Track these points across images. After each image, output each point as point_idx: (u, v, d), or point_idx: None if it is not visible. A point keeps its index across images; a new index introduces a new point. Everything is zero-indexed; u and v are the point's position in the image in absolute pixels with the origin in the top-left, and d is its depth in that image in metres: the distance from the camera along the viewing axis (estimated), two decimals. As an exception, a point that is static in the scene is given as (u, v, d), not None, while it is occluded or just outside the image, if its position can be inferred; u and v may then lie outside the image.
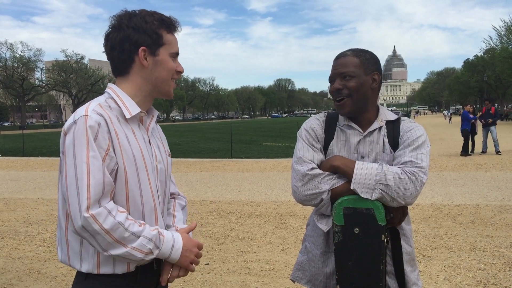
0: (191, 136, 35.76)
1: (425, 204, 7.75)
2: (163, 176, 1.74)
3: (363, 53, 1.92)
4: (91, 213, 1.44)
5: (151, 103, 1.75)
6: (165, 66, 1.68)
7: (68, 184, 1.48)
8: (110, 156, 1.52)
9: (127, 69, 1.66)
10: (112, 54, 1.65)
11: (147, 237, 1.53)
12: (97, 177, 1.47)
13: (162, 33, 1.66)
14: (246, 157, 17.34)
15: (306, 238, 2.09)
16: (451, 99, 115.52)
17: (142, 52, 1.62)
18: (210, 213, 7.46)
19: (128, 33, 1.61)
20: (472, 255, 4.98)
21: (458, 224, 6.35)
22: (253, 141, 26.45)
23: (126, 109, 1.62)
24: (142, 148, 1.63)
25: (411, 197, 1.75)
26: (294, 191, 1.88)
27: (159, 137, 1.84)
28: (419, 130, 1.89)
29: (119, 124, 1.59)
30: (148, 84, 1.68)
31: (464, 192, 8.70)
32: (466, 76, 75.81)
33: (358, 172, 1.76)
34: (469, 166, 12.55)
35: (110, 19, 1.67)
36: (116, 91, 1.65)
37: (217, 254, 5.26)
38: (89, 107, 1.55)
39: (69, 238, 1.59)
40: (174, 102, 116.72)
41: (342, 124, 1.96)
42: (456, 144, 20.44)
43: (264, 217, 7.11)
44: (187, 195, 9.24)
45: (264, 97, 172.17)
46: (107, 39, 1.65)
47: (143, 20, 1.63)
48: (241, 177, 11.80)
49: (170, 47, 1.69)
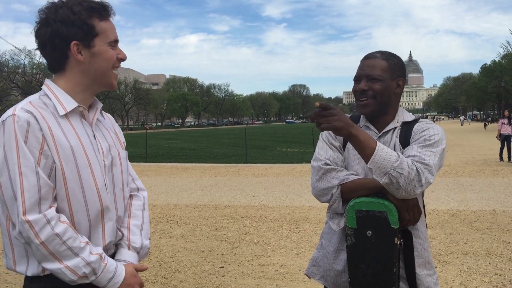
0: (205, 141, 35.92)
1: (441, 209, 7.69)
2: (114, 170, 1.65)
3: (392, 57, 1.93)
4: (27, 219, 1.37)
5: (93, 96, 1.65)
6: (104, 56, 1.56)
7: (4, 188, 1.41)
8: (46, 154, 1.44)
9: (62, 66, 1.56)
10: (44, 52, 1.54)
11: (85, 260, 1.44)
12: (31, 179, 1.39)
13: (93, 22, 1.54)
14: (261, 162, 17.37)
15: (322, 235, 2.11)
16: (468, 105, 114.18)
17: (75, 46, 1.51)
18: (225, 218, 7.50)
19: (56, 28, 1.49)
20: (488, 261, 4.94)
21: (474, 229, 6.29)
22: (267, 147, 26.47)
23: (61, 105, 1.53)
24: (85, 144, 1.54)
25: (414, 193, 1.71)
26: (312, 186, 1.93)
27: (111, 129, 1.75)
28: (433, 129, 1.85)
29: (55, 121, 1.49)
30: (86, 78, 1.58)
31: (481, 198, 8.61)
32: (484, 81, 74.82)
33: (379, 152, 1.68)
34: (486, 172, 12.41)
35: (37, 13, 1.54)
36: (50, 87, 1.56)
37: (231, 257, 5.29)
38: (18, 106, 1.47)
39: (13, 241, 1.50)
40: (189, 108, 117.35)
41: (361, 125, 1.99)
42: (473, 150, 20.23)
43: (278, 221, 7.13)
44: (202, 199, 9.31)
45: (279, 103, 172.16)
46: (36, 36, 1.54)
47: (70, 11, 1.50)
48: (256, 182, 11.83)
49: (106, 36, 1.57)
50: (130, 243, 1.69)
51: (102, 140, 1.64)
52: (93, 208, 1.53)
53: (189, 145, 30.78)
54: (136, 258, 1.69)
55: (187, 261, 5.17)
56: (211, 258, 5.27)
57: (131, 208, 1.77)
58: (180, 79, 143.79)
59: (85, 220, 1.52)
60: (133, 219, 1.75)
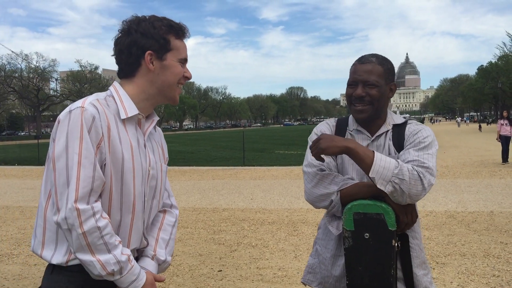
0: (203, 144, 35.91)
1: (439, 211, 7.70)
2: (154, 182, 1.71)
3: (385, 62, 1.93)
4: (77, 207, 1.43)
5: (152, 108, 1.74)
6: (172, 70, 1.67)
7: (57, 173, 1.47)
8: (101, 151, 1.51)
9: (133, 72, 1.66)
10: (120, 58, 1.66)
11: (116, 258, 1.49)
12: (88, 169, 1.46)
13: (170, 38, 1.66)
14: (259, 165, 17.38)
15: (317, 241, 2.11)
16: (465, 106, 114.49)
17: (149, 56, 1.63)
18: (223, 221, 7.49)
19: (136, 38, 1.62)
20: (486, 262, 4.95)
21: (472, 231, 6.30)
22: (265, 149, 26.49)
23: (124, 109, 1.61)
24: (134, 150, 1.61)
25: (419, 196, 1.73)
26: (306, 192, 1.92)
27: (159, 143, 1.82)
28: (425, 131, 1.89)
29: (114, 122, 1.58)
30: (153, 87, 1.67)
31: (478, 199, 8.63)
32: (480, 83, 75.03)
33: (378, 162, 1.72)
34: (483, 173, 12.44)
35: (121, 24, 1.68)
36: (118, 90, 1.65)
37: (230, 261, 5.29)
38: (86, 100, 1.56)
39: (47, 225, 1.57)
40: (186, 111, 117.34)
41: (351, 129, 1.99)
42: (470, 151, 20.28)
43: (276, 224, 7.13)
44: (200, 203, 9.30)
45: (276, 105, 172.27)
46: (116, 43, 1.67)
47: (152, 25, 1.64)
48: (254, 184, 11.83)
49: (178, 53, 1.68)
50: (156, 254, 1.75)
51: (151, 151, 1.71)
52: (126, 212, 1.60)
53: (187, 148, 30.77)
54: (157, 269, 1.75)
55: (185, 265, 5.17)
56: (209, 262, 5.27)
57: (163, 221, 1.84)
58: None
59: (116, 220, 1.59)
60: (162, 232, 1.81)
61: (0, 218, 8.26)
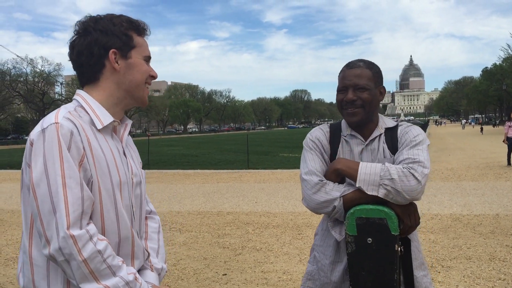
0: (207, 147, 35.93)
1: (444, 214, 7.68)
2: (138, 190, 1.61)
3: (374, 66, 1.97)
4: (71, 233, 1.29)
5: (123, 112, 1.62)
6: (139, 68, 1.56)
7: (40, 201, 1.32)
8: (84, 167, 1.38)
9: (97, 75, 1.53)
10: (79, 61, 1.51)
11: (124, 280, 1.38)
12: (75, 190, 1.33)
13: (132, 34, 1.55)
14: (263, 168, 17.37)
15: (314, 247, 2.11)
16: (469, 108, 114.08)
17: (113, 54, 1.50)
18: (227, 224, 7.50)
19: (96, 37, 1.49)
20: (492, 265, 4.92)
21: (477, 234, 6.27)
22: (269, 152, 26.48)
23: (98, 119, 1.48)
24: (117, 160, 1.50)
25: (417, 191, 1.74)
26: (306, 199, 1.91)
27: (133, 147, 1.72)
28: (415, 130, 1.95)
29: (93, 134, 1.45)
30: (120, 89, 1.55)
31: (484, 202, 8.60)
32: (485, 85, 74.77)
33: (363, 170, 1.79)
34: (489, 176, 12.38)
35: (74, 26, 1.54)
36: (86, 99, 1.52)
37: (234, 264, 5.29)
38: (58, 114, 1.41)
39: (34, 259, 1.41)
40: (191, 114, 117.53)
41: (345, 134, 2.00)
42: (475, 154, 20.20)
43: (281, 227, 7.12)
44: (204, 206, 9.31)
45: (280, 108, 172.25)
46: (72, 46, 1.52)
47: (111, 22, 1.53)
48: (258, 188, 11.83)
49: (142, 50, 1.58)
50: (152, 265, 1.67)
51: (129, 155, 1.61)
52: (123, 230, 1.48)
53: (191, 151, 30.80)
54: (158, 280, 1.67)
55: (190, 269, 5.17)
56: (214, 266, 5.27)
57: (147, 230, 1.74)
58: (182, 86, 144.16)
59: (114, 239, 1.46)
60: (150, 242, 1.73)
61: (6, 222, 8.29)
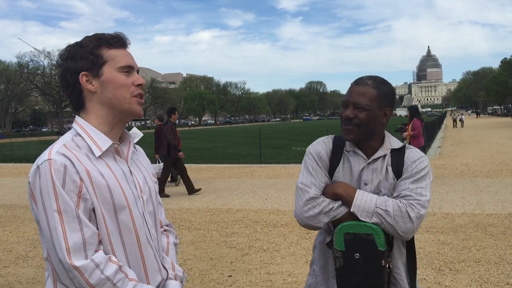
0: (221, 140, 36.02)
1: (456, 213, 7.57)
2: (150, 207, 1.62)
3: (383, 86, 1.90)
4: (74, 265, 1.34)
5: (122, 128, 1.60)
6: (115, 83, 1.51)
7: (45, 237, 1.39)
8: (84, 198, 1.40)
9: (81, 101, 1.54)
10: (65, 93, 1.56)
11: None
12: (72, 223, 1.36)
13: (101, 51, 1.51)
14: (275, 162, 17.35)
15: (314, 261, 2.11)
16: (488, 100, 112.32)
17: (83, 77, 1.50)
18: (236, 222, 7.50)
19: (66, 65, 1.51)
20: (500, 269, 4.84)
21: (488, 235, 6.18)
22: (282, 146, 26.44)
23: (96, 146, 1.49)
24: (122, 183, 1.50)
25: (408, 232, 1.79)
26: (298, 216, 1.94)
27: (143, 160, 1.71)
28: (423, 162, 1.90)
29: (90, 162, 1.45)
30: (104, 109, 1.53)
31: (497, 200, 8.46)
32: (504, 76, 73.52)
33: (359, 196, 1.82)
34: (504, 172, 12.18)
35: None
36: (82, 125, 1.53)
37: (240, 265, 5.30)
38: (52, 149, 1.44)
39: None
40: (206, 106, 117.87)
41: (348, 149, 1.96)
42: (491, 148, 19.89)
43: (289, 226, 7.10)
44: (214, 203, 9.33)
45: (296, 100, 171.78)
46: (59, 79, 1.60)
47: (79, 46, 1.52)
48: (269, 184, 11.81)
49: (115, 62, 1.52)
50: (176, 273, 1.68)
51: (138, 173, 1.60)
52: (132, 252, 1.50)
53: (205, 145, 30.91)
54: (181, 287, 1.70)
55: (195, 269, 5.19)
56: (219, 266, 5.28)
57: (169, 246, 1.76)
58: (197, 78, 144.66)
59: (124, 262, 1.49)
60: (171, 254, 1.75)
61: (18, 218, 8.42)
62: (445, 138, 29.81)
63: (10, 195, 11.36)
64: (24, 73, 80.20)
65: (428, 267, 4.99)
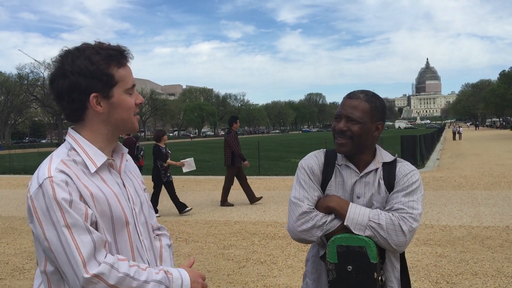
0: (220, 152, 35.93)
1: (453, 225, 7.57)
2: (142, 218, 1.64)
3: (375, 100, 1.93)
4: (93, 274, 1.35)
5: (116, 142, 1.61)
6: (123, 106, 1.53)
7: (56, 253, 1.38)
8: (88, 212, 1.42)
9: (81, 117, 1.52)
10: (61, 104, 1.50)
11: (156, 281, 1.46)
12: (82, 236, 1.37)
13: (112, 71, 1.49)
14: (274, 174, 17.36)
15: (306, 274, 2.12)
16: (487, 112, 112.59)
17: (94, 99, 1.47)
18: (234, 234, 7.49)
19: (74, 80, 1.44)
20: (498, 282, 4.84)
21: (486, 247, 6.17)
22: (281, 158, 26.44)
23: (91, 161, 1.49)
24: (119, 197, 1.52)
25: (401, 242, 1.80)
26: (291, 230, 1.93)
27: (131, 170, 1.70)
28: (415, 175, 1.93)
29: (88, 178, 1.46)
30: (107, 127, 1.54)
31: (495, 213, 8.46)
32: (502, 88, 73.76)
33: (352, 210, 1.84)
34: (502, 184, 12.19)
35: (52, 62, 1.51)
36: (77, 140, 1.52)
37: (237, 278, 5.28)
38: (51, 166, 1.43)
39: None
40: (205, 118, 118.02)
41: (340, 163, 1.98)
42: (490, 160, 19.91)
43: (287, 238, 7.08)
44: (212, 215, 9.32)
45: (295, 112, 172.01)
46: (52, 87, 1.50)
47: (89, 61, 1.46)
48: (267, 195, 11.81)
49: (124, 83, 1.52)
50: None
51: (129, 185, 1.62)
52: None
53: (204, 156, 30.87)
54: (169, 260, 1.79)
55: (192, 282, 5.16)
56: (216, 279, 5.26)
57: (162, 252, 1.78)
58: (196, 90, 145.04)
59: None
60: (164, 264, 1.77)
61: (16, 230, 8.40)
62: (444, 150, 29.82)
63: (8, 207, 11.35)
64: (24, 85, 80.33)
65: (425, 280, 4.98)
